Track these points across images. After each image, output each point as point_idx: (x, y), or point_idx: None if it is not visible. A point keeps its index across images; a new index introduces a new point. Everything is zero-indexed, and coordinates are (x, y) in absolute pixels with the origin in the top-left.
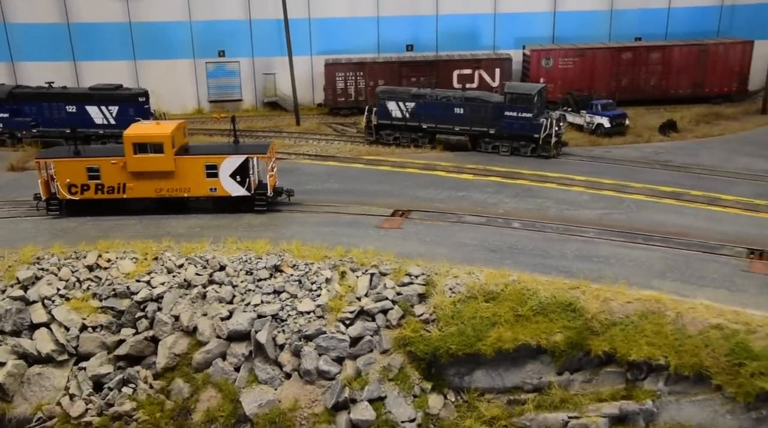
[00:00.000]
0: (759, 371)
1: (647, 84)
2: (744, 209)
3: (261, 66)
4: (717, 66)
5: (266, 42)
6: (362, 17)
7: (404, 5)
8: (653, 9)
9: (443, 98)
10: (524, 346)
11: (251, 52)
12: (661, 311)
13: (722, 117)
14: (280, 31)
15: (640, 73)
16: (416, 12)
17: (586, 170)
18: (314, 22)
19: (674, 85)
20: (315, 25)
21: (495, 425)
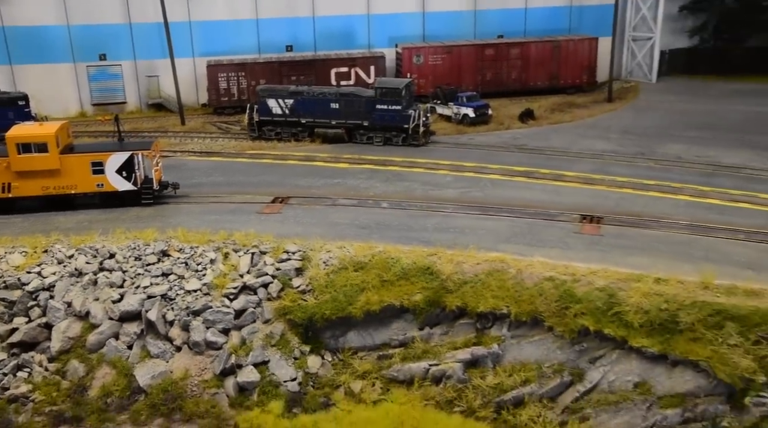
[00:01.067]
0: (581, 312)
1: (509, 77)
2: (582, 183)
3: (144, 69)
4: (569, 60)
5: (148, 45)
6: (242, 19)
7: (282, 7)
8: (512, 9)
9: (320, 95)
10: (389, 307)
11: (133, 56)
12: (505, 270)
13: (574, 106)
14: (162, 34)
15: (502, 67)
16: (294, 14)
17: (451, 155)
18: (195, 24)
19: (533, 77)
20: (196, 28)
21: (367, 378)
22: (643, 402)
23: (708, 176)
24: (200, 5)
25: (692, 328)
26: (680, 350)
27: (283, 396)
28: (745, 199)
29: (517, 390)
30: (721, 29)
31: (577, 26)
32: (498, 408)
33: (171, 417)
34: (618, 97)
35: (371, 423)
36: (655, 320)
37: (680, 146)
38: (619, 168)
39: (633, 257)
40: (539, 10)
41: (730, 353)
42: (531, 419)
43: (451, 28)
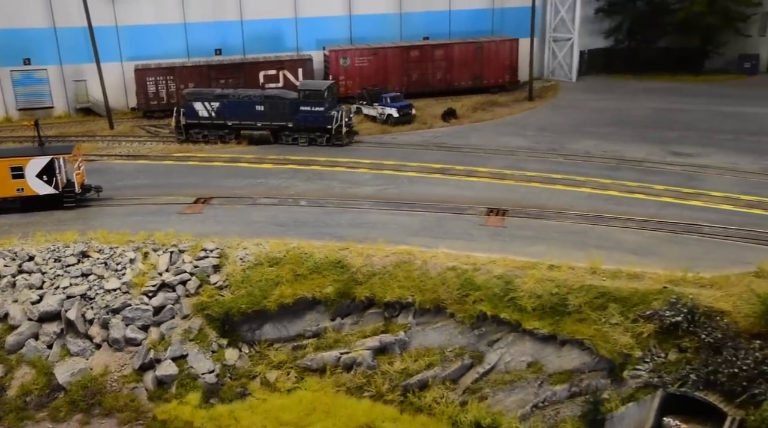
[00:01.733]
0: (480, 298)
1: (434, 78)
2: (494, 178)
3: (71, 73)
4: (491, 61)
5: (74, 49)
6: (170, 24)
7: (210, 11)
8: (437, 11)
9: (245, 97)
10: (302, 300)
11: (59, 60)
12: (411, 261)
13: (496, 104)
14: (88, 38)
15: (427, 68)
16: (222, 18)
17: (373, 154)
18: (122, 29)
19: (457, 78)
20: (123, 32)
21: (282, 368)
22: (535, 380)
23: (611, 169)
24: (127, 10)
25: (579, 310)
26: (568, 330)
27: (200, 387)
28: (641, 190)
29: (422, 374)
30: (634, 31)
31: (500, 28)
32: (404, 391)
33: (90, 413)
34: (538, 96)
35: (285, 410)
36: (546, 304)
37: (590, 142)
38: (531, 163)
39: (532, 247)
40: (463, 12)
41: (612, 331)
42: (434, 400)
43: (378, 31)
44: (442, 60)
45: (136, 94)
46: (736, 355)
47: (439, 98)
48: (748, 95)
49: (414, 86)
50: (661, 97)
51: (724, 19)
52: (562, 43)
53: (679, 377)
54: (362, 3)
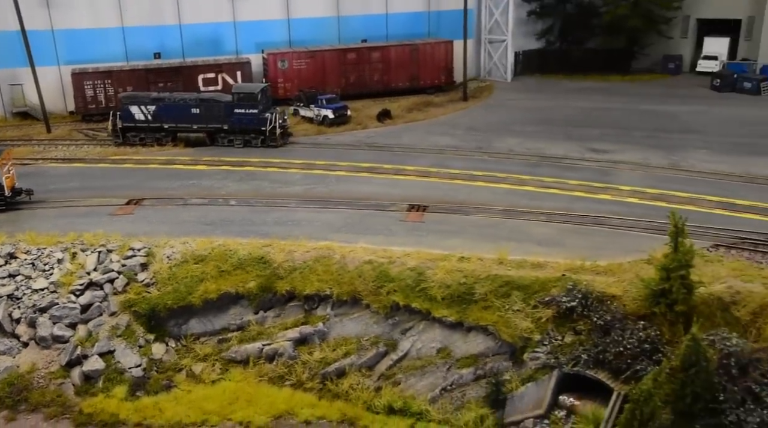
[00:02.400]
0: (393, 289)
1: (371, 79)
2: (420, 176)
3: (6, 77)
4: (427, 62)
5: (9, 53)
6: (107, 28)
7: (148, 15)
8: (374, 15)
9: (180, 101)
10: (226, 294)
11: None
12: (330, 256)
13: (432, 105)
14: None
15: (364, 70)
16: (161, 22)
17: (306, 154)
18: (58, 32)
19: (394, 79)
20: (60, 36)
21: (208, 360)
22: (444, 365)
23: (532, 166)
24: (62, 13)
25: (485, 298)
26: (474, 317)
27: (127, 381)
28: (557, 185)
29: (340, 362)
30: (565, 32)
31: (436, 30)
32: (323, 379)
33: (16, 409)
34: (473, 96)
35: (208, 400)
36: (455, 293)
37: (515, 140)
38: (456, 162)
39: (446, 240)
40: (400, 15)
41: (514, 317)
42: (351, 387)
43: (317, 34)
44: (379, 62)
45: (74, 98)
46: (622, 335)
47: (377, 99)
48: (669, 94)
49: (352, 88)
50: (588, 96)
51: (646, 22)
52: (497, 45)
53: (572, 357)
54: (300, 7)
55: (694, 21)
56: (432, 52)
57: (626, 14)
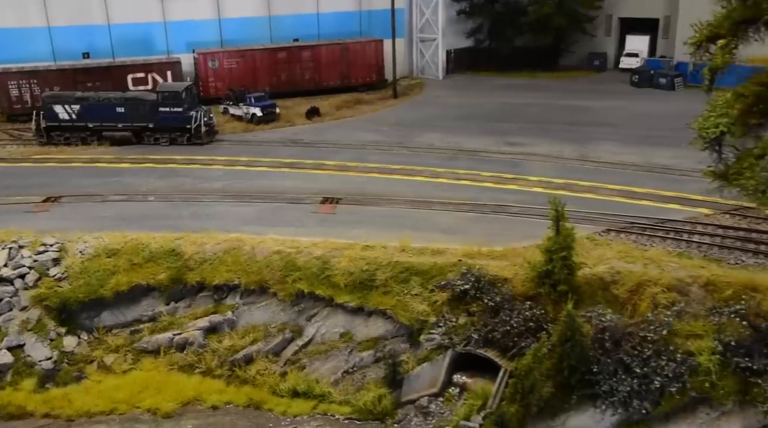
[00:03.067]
0: (299, 278)
1: (303, 78)
2: (339, 170)
3: None
4: (357, 61)
5: None
6: (33, 27)
7: (75, 15)
8: (305, 14)
9: (105, 100)
10: (138, 286)
11: None
12: (240, 247)
13: (362, 102)
14: None
15: (295, 69)
16: (89, 22)
17: (231, 151)
18: None
19: (325, 78)
20: None
21: (120, 351)
22: (346, 348)
23: (448, 159)
24: None
25: (386, 284)
26: (373, 302)
27: (36, 374)
28: (469, 177)
29: (247, 349)
30: (494, 31)
31: (367, 29)
32: (232, 366)
33: None
34: (403, 93)
35: (118, 390)
36: (357, 279)
37: (437, 135)
38: (376, 156)
39: (354, 230)
40: (331, 14)
41: (412, 301)
42: (258, 372)
43: (248, 33)
44: (310, 61)
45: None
46: (510, 315)
47: (309, 98)
48: (591, 90)
49: (283, 86)
50: (515, 92)
51: (571, 21)
52: (429, 43)
53: (465, 337)
54: (231, 6)
55: (616, 20)
56: (362, 51)
57: (551, 13)
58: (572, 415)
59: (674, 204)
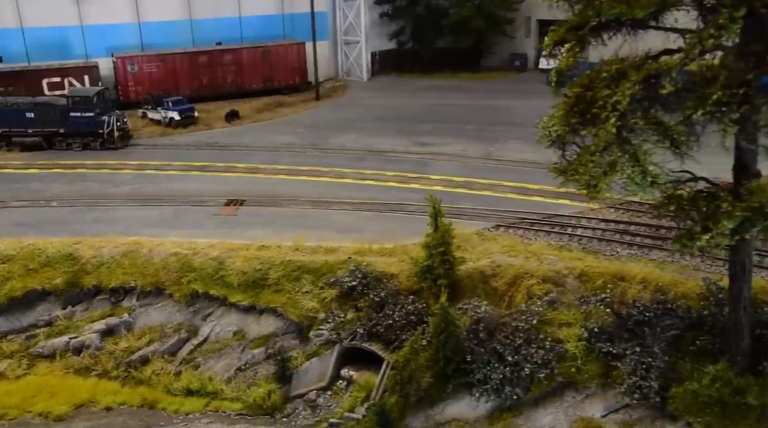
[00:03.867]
0: (194, 279)
1: (225, 81)
2: (249, 172)
3: None
4: (280, 64)
5: None
6: None
7: None
8: (227, 18)
9: (13, 105)
10: (33, 291)
11: None
12: (138, 250)
13: (284, 105)
14: None
15: (217, 72)
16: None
17: (143, 155)
18: None
19: (248, 81)
20: None
21: (14, 357)
22: (239, 346)
23: (357, 160)
24: None
25: (278, 282)
26: (265, 300)
27: None
28: (374, 177)
29: (143, 350)
30: (416, 33)
31: (291, 32)
32: (128, 367)
33: None
34: (326, 96)
35: (9, 395)
36: (250, 279)
37: (351, 136)
38: (288, 158)
39: (253, 231)
40: (253, 18)
41: (302, 299)
42: (154, 372)
43: (170, 37)
44: (232, 64)
45: None
46: (393, 309)
47: (232, 101)
48: (510, 90)
49: (205, 90)
50: (436, 93)
51: (490, 22)
52: (354, 46)
53: (351, 332)
54: (151, 10)
55: (535, 21)
56: (284, 53)
57: (471, 15)
58: (450, 403)
59: (564, 199)
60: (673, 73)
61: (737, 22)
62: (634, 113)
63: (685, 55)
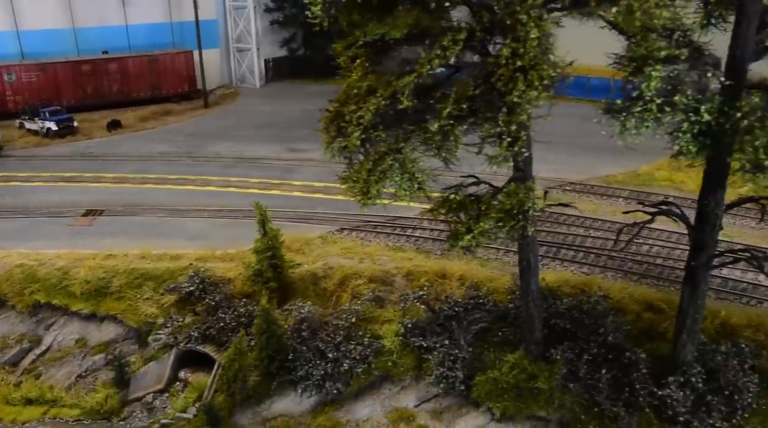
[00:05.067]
0: (37, 289)
1: (110, 90)
2: (116, 182)
3: None
4: (168, 72)
5: None
6: None
7: None
8: (113, 26)
9: None
10: None
11: None
12: None
13: (172, 113)
14: None
15: (102, 81)
16: None
17: (12, 167)
18: None
19: (135, 89)
20: None
21: None
22: (80, 354)
23: (226, 167)
24: None
25: (120, 290)
26: (105, 308)
27: None
28: (238, 184)
29: None
30: (307, 40)
31: (181, 40)
32: None
33: None
34: (216, 103)
35: None
36: (93, 287)
37: (227, 144)
38: (159, 166)
39: (105, 240)
40: (141, 26)
41: (143, 305)
42: None
43: (53, 46)
44: (117, 73)
45: None
46: (226, 312)
47: (119, 110)
48: None
49: (90, 99)
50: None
51: None
52: (246, 53)
53: (187, 336)
54: (30, 19)
55: None
56: (172, 62)
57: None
58: (276, 400)
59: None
60: (406, 91)
61: (458, 44)
62: (377, 128)
63: (417, 73)
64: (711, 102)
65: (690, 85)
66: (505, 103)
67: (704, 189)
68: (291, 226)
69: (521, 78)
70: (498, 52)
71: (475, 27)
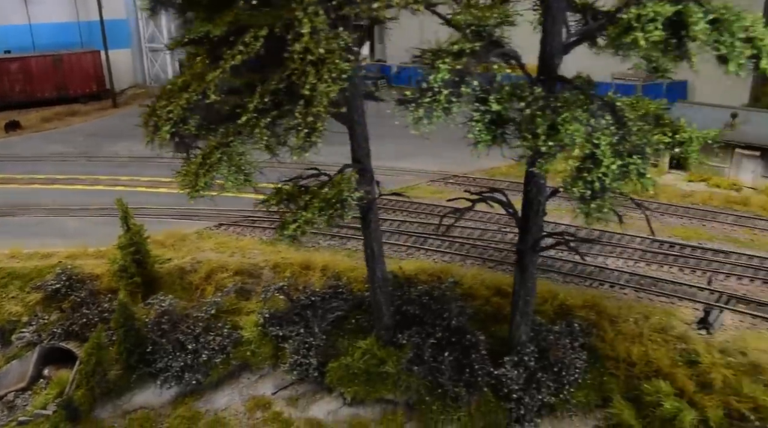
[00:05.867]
0: None
1: (13, 91)
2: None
3: None
4: (74, 72)
5: None
6: None
7: None
8: (16, 25)
9: None
10: None
11: None
12: None
13: (78, 113)
14: None
15: (4, 82)
16: None
17: None
18: None
19: (39, 89)
20: None
21: None
22: None
23: (119, 166)
24: None
25: None
26: None
27: None
28: (128, 183)
29: None
30: None
31: (89, 40)
32: None
33: None
34: (126, 103)
35: None
36: None
37: (125, 144)
38: (51, 167)
39: None
40: (45, 25)
41: (7, 304)
42: None
43: None
44: (19, 73)
45: None
46: (90, 308)
47: (22, 110)
48: None
49: None
50: None
51: None
52: (160, 53)
53: (51, 333)
54: None
55: None
56: (78, 61)
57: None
58: (136, 393)
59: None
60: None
61: (259, 40)
62: (186, 122)
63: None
64: (499, 93)
65: (477, 77)
66: (303, 96)
67: (527, 176)
68: (173, 222)
69: (312, 72)
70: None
71: (275, 24)
